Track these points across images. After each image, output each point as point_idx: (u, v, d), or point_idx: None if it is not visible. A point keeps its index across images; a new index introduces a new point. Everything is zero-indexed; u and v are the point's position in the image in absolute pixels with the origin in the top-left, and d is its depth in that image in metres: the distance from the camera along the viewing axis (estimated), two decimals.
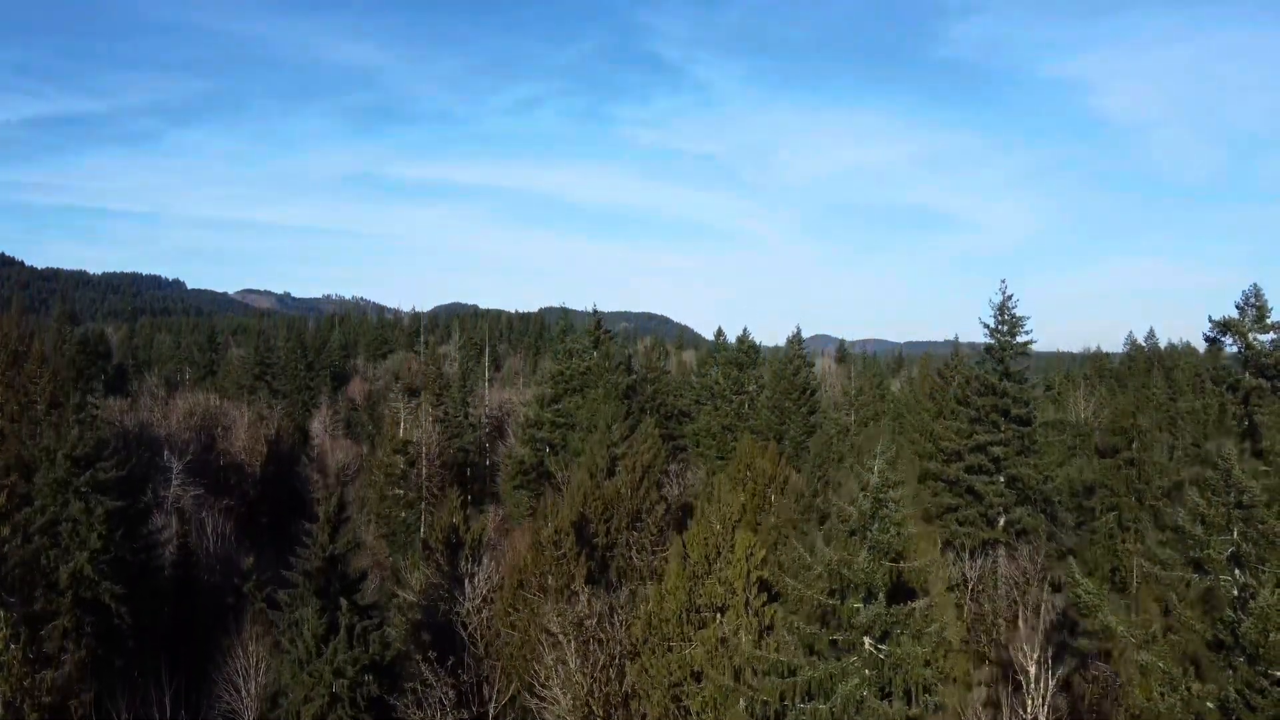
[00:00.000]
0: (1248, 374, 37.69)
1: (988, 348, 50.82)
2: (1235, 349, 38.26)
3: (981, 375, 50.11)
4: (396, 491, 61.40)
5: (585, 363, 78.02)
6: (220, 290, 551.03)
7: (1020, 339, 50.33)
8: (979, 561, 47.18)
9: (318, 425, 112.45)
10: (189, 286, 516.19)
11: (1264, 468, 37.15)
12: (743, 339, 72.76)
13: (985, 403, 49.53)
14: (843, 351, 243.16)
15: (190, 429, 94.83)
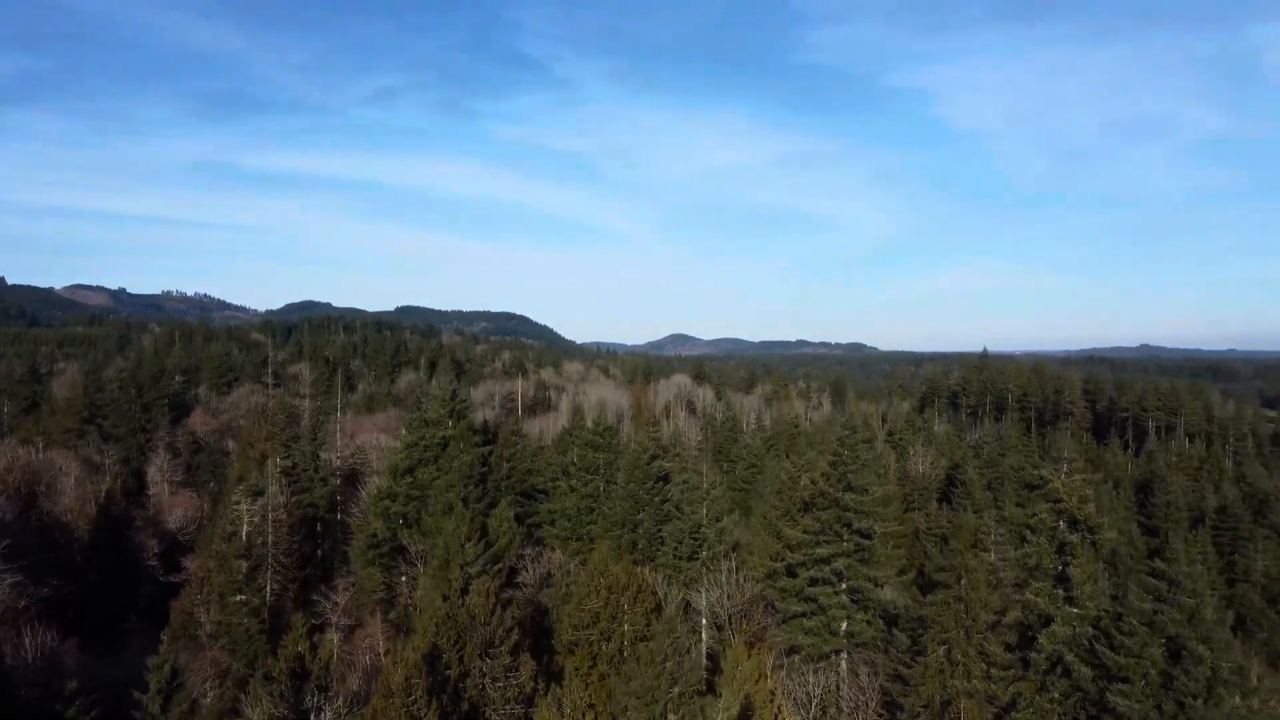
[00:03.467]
0: (1062, 524, 40.88)
1: (832, 462, 52.83)
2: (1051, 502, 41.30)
3: (826, 489, 52.03)
4: (239, 598, 58.80)
5: (441, 432, 76.83)
6: (45, 286, 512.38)
7: (864, 455, 52.51)
8: (822, 672, 49.23)
9: (155, 471, 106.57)
10: (9, 283, 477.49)
11: (1076, 612, 40.30)
12: (598, 421, 73.41)
13: (829, 515, 51.53)
14: (700, 368, 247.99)
15: (7, 490, 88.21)
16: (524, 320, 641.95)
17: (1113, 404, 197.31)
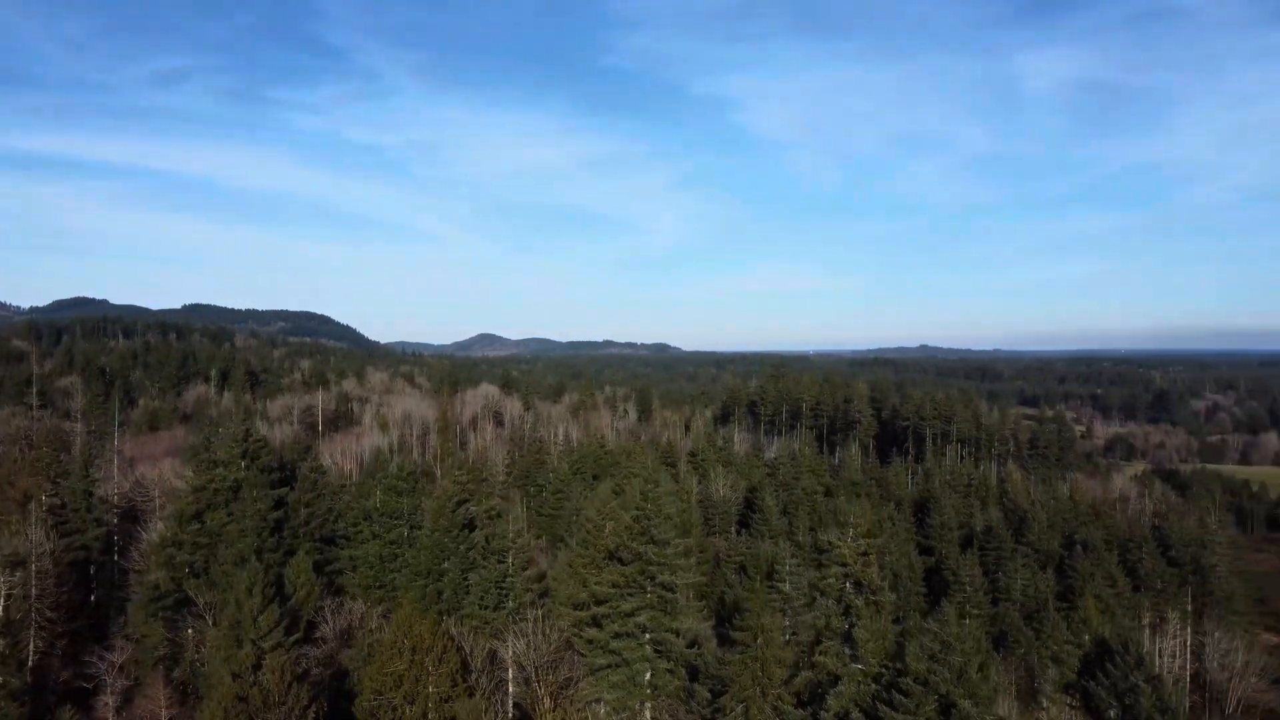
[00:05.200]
0: (848, 586, 43.88)
1: (635, 515, 54.04)
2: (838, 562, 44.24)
3: (629, 543, 53.21)
4: None
5: (233, 474, 72.92)
6: None
7: (666, 507, 54.06)
8: None
9: None
10: None
11: (860, 668, 43.24)
12: (402, 467, 71.77)
13: (633, 569, 52.74)
14: (508, 377, 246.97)
15: None
16: (325, 320, 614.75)
17: (896, 412, 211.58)
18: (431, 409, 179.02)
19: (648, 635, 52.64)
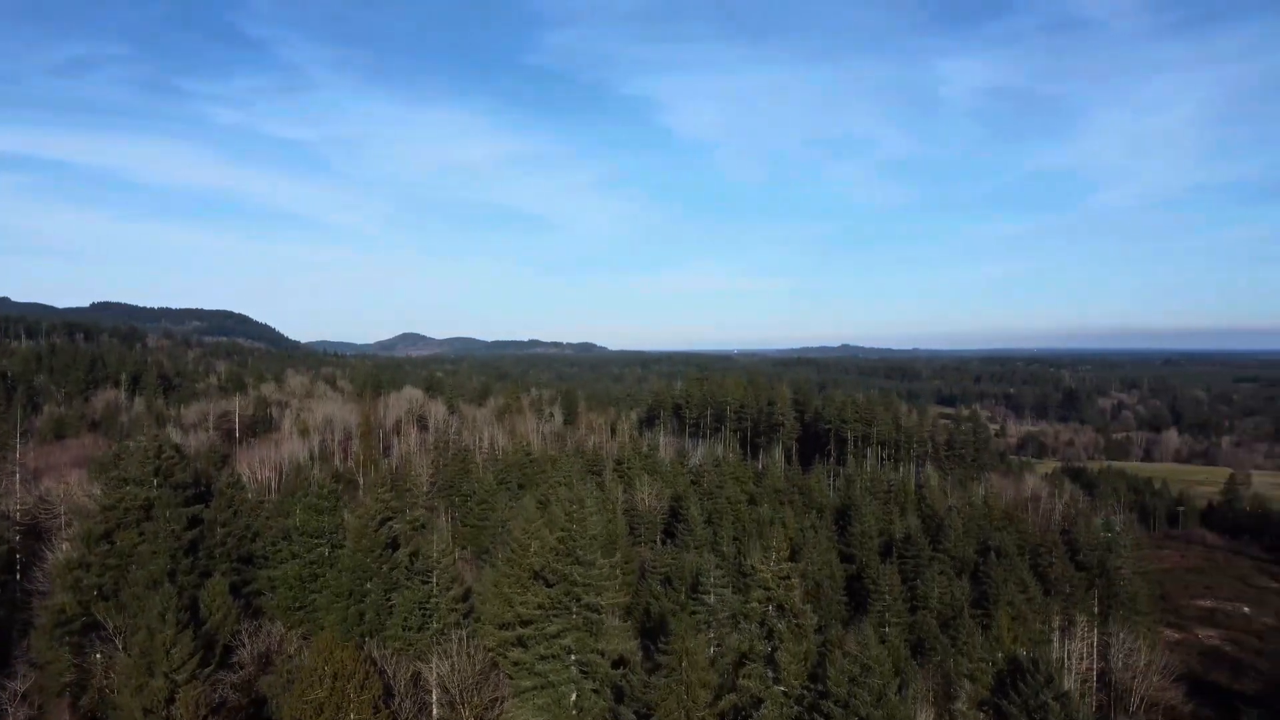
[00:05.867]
0: (771, 610, 44.60)
1: (560, 536, 54.05)
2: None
3: (554, 565, 53.20)
4: None
5: (144, 493, 70.62)
6: None
7: (592, 527, 54.14)
8: None
9: None
10: None
11: (783, 690, 43.98)
12: (323, 484, 70.42)
13: (559, 591, 52.74)
14: (432, 379, 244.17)
15: None
16: (243, 319, 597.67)
17: (818, 415, 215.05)
18: (353, 413, 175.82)
19: (573, 657, 52.75)
